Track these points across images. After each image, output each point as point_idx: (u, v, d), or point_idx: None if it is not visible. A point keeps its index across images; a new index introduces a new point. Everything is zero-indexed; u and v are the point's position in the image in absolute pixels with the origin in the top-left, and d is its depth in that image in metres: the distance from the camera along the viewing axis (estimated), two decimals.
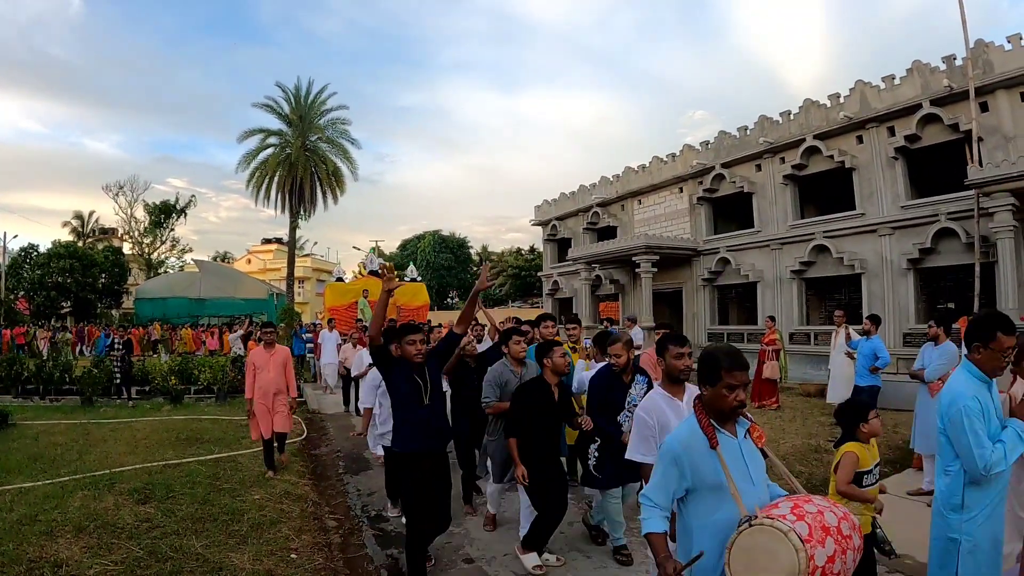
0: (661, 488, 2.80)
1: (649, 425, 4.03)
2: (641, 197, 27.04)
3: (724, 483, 2.68)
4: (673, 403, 4.07)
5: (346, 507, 7.23)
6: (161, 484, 7.21)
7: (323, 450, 10.34)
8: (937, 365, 7.04)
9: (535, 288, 45.06)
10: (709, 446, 2.73)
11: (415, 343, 4.86)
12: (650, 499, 2.81)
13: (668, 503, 2.81)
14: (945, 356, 7.05)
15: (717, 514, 2.72)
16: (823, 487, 7.56)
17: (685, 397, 4.10)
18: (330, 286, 23.01)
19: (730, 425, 2.84)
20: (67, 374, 15.58)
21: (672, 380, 4.14)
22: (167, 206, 53.16)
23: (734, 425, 2.86)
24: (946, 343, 7.19)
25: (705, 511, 2.76)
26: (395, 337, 5.22)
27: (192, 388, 15.60)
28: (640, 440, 4.11)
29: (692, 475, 2.74)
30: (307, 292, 57.15)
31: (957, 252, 16.11)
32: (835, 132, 19.06)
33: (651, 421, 4.03)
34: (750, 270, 21.55)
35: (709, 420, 2.80)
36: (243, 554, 5.29)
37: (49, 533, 5.58)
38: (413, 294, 22.01)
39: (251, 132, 32.40)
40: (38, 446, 9.33)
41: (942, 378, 6.90)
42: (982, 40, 15.52)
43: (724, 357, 2.78)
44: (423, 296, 22.74)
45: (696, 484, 2.75)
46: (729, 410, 2.78)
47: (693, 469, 2.73)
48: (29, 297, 41.63)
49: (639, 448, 4.11)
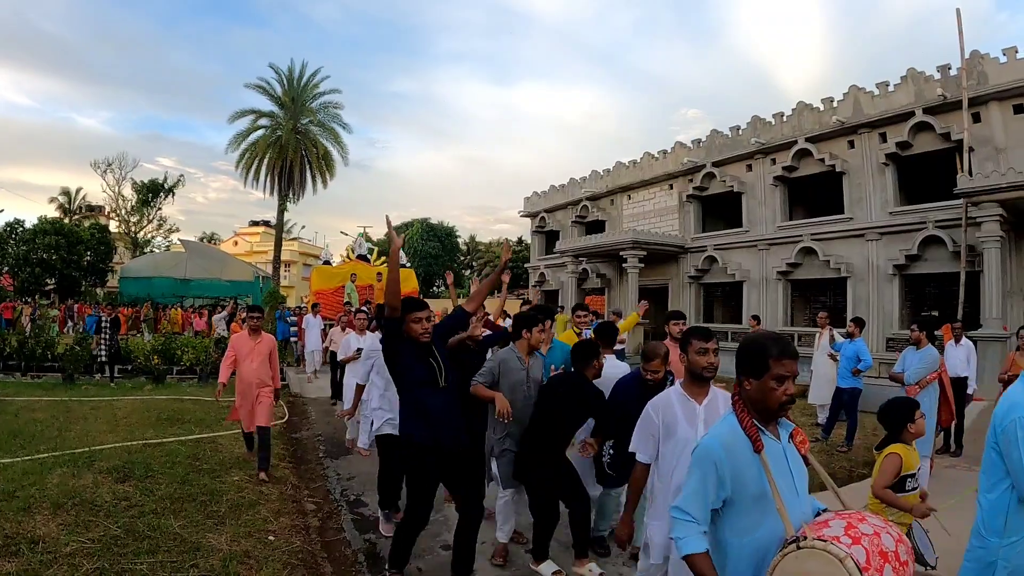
0: (699, 498, 2.39)
1: (653, 423, 3.65)
2: (631, 192, 27.09)
3: (768, 494, 2.33)
4: (688, 405, 3.62)
5: (325, 491, 7.24)
6: (140, 463, 7.18)
7: (304, 434, 10.33)
8: (917, 369, 7.07)
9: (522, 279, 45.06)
10: (752, 450, 2.37)
11: (421, 321, 4.49)
12: (686, 512, 2.40)
13: (707, 516, 2.41)
14: (926, 361, 7.08)
15: (758, 531, 2.38)
16: None
17: (705, 400, 3.63)
18: (317, 269, 22.67)
19: (773, 426, 2.49)
20: (49, 351, 15.47)
21: (695, 378, 3.64)
22: (155, 185, 52.68)
23: (776, 426, 2.51)
24: (927, 348, 7.22)
25: (744, 527, 2.41)
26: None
27: (175, 368, 15.53)
28: (641, 437, 3.72)
29: (733, 483, 2.37)
30: (293, 276, 56.95)
31: (943, 260, 16.25)
32: (827, 136, 19.17)
33: (656, 420, 3.63)
34: (737, 269, 21.65)
35: (752, 419, 2.43)
36: (221, 535, 5.28)
37: (26, 509, 5.55)
38: (402, 280, 21.46)
39: (242, 113, 32.25)
40: (18, 422, 9.26)
41: (920, 383, 6.96)
42: (977, 51, 15.64)
43: (772, 344, 2.42)
44: (412, 282, 22.16)
45: (736, 494, 2.39)
46: (777, 406, 2.41)
47: (734, 476, 2.36)
48: (13, 273, 41.23)
49: (641, 444, 3.72)
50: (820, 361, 11.23)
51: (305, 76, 32.81)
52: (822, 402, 11.00)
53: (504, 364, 5.16)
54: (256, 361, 7.43)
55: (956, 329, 10.10)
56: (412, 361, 4.48)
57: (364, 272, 20.74)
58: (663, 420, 3.61)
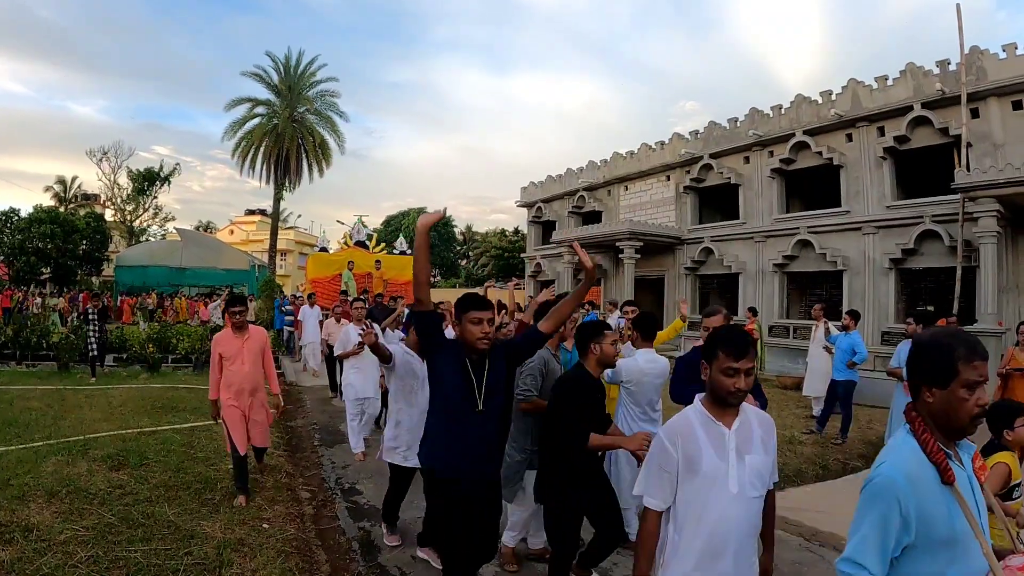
0: (876, 546, 1.87)
1: (670, 458, 2.59)
2: (628, 183, 27.03)
3: (958, 536, 1.86)
4: (714, 430, 2.59)
5: (320, 479, 7.26)
6: (135, 451, 7.17)
7: (299, 422, 10.34)
8: None
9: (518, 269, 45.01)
10: (941, 481, 1.87)
11: (482, 323, 3.62)
12: (863, 567, 1.88)
13: (886, 570, 1.90)
14: None
15: None
16: (795, 478, 7.67)
17: (736, 423, 2.60)
18: (313, 257, 22.01)
19: (954, 448, 2.00)
20: (44, 339, 15.44)
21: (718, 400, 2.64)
22: (151, 173, 52.42)
23: (957, 448, 2.01)
24: None
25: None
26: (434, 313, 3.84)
27: (170, 357, 15.51)
28: (652, 475, 2.68)
29: (918, 524, 1.85)
30: (289, 265, 56.80)
31: (939, 255, 16.25)
32: (825, 129, 19.10)
33: (674, 453, 2.58)
34: (733, 261, 21.64)
35: (936, 442, 1.92)
36: (215, 523, 5.29)
37: (21, 497, 5.54)
38: (402, 267, 21.17)
39: (238, 101, 32.25)
40: (12, 411, 9.24)
41: None
42: (977, 47, 15.58)
43: (960, 344, 1.91)
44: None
45: (921, 538, 1.87)
46: (969, 420, 1.90)
47: (920, 515, 1.85)
48: (8, 262, 41.10)
49: (650, 486, 2.67)
50: (815, 354, 11.24)
51: (302, 64, 32.82)
52: (817, 394, 11.02)
53: (548, 365, 4.66)
54: (248, 362, 6.22)
55: (951, 324, 10.13)
56: (447, 372, 3.66)
57: (362, 259, 20.17)
58: (683, 453, 2.57)
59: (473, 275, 55.83)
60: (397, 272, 20.76)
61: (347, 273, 18.42)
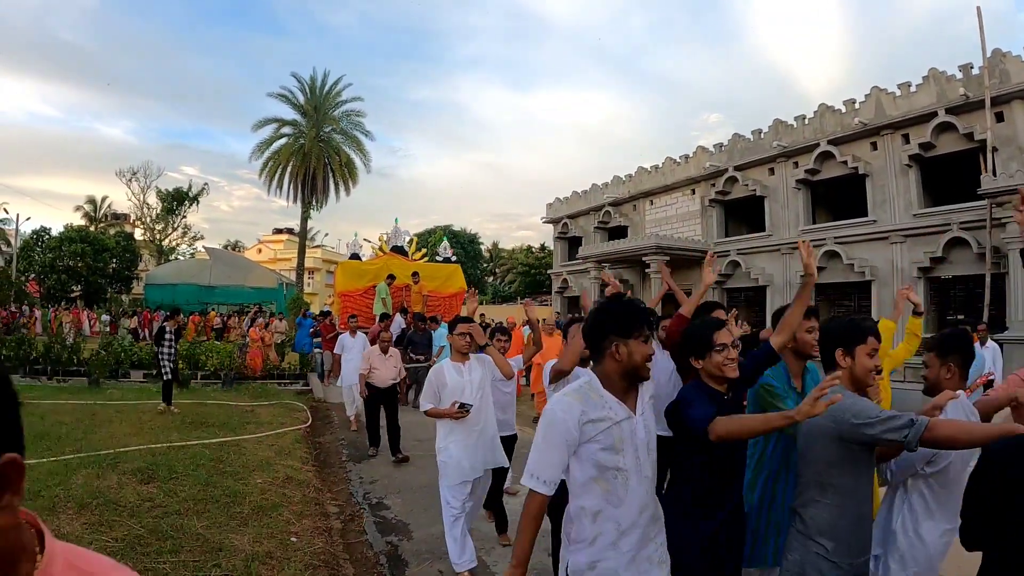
0: None
1: None
2: (653, 198, 27.00)
3: None
4: None
5: (348, 494, 7.25)
6: (164, 465, 7.21)
7: (327, 438, 10.36)
8: None
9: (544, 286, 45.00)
10: None
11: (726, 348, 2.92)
12: None
13: None
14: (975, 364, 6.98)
15: None
16: None
17: None
18: (343, 265, 18.10)
19: None
20: (75, 355, 15.64)
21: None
22: (180, 193, 53.22)
23: None
24: None
25: None
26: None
27: (199, 373, 15.64)
28: None
29: None
30: (317, 283, 57.28)
31: (968, 262, 16.03)
32: (849, 138, 19.00)
33: None
34: (760, 273, 21.49)
35: None
36: (243, 536, 5.29)
37: (51, 509, 5.58)
38: (446, 277, 17.84)
39: (265, 121, 32.66)
40: (44, 425, 9.33)
41: (971, 386, 6.85)
42: (999, 50, 15.44)
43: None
44: (458, 281, 18.01)
45: None
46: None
47: None
48: (40, 280, 41.83)
49: None
50: None
51: (327, 85, 33.21)
52: None
53: None
54: None
55: (981, 332, 9.98)
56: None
57: (400, 269, 16.74)
58: None
59: (500, 292, 55.88)
60: (439, 284, 17.38)
61: (383, 287, 15.27)
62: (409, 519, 6.26)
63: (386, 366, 9.19)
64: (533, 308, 5.37)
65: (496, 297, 54.58)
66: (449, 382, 4.98)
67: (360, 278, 16.67)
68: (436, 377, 5.07)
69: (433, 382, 5.06)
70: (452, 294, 17.39)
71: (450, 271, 18.17)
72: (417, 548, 5.55)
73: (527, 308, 5.28)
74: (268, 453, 8.16)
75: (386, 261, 17.48)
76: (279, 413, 11.46)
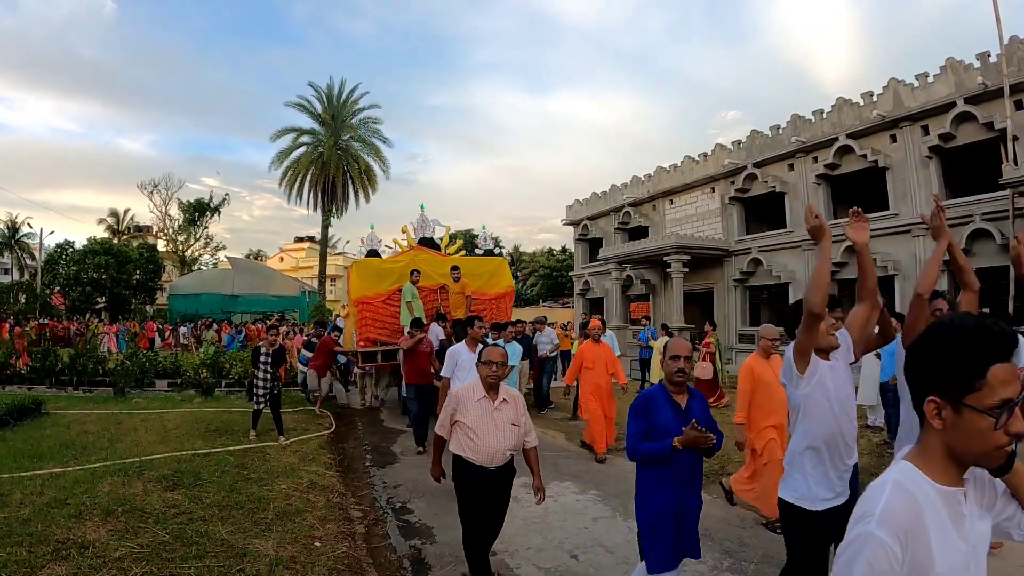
0: None
1: None
2: (673, 197, 26.87)
3: None
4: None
5: (371, 499, 7.24)
6: (189, 472, 7.24)
7: (351, 443, 10.37)
8: None
9: (566, 288, 44.95)
10: None
11: None
12: None
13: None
14: None
15: None
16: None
17: None
18: (358, 265, 13.88)
19: None
20: (100, 366, 15.80)
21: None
22: (201, 204, 53.80)
23: None
24: None
25: None
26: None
27: (223, 381, 15.71)
28: None
29: None
30: (339, 290, 57.54)
31: (992, 254, 15.80)
32: (868, 131, 18.83)
33: None
34: (782, 271, 21.29)
35: None
36: (267, 541, 5.29)
37: (77, 516, 5.61)
38: (490, 274, 14.12)
39: (284, 131, 32.94)
40: (70, 434, 9.43)
41: None
42: (1016, 36, 15.21)
43: None
44: (505, 279, 14.40)
45: None
46: None
47: None
48: (65, 292, 42.38)
49: None
50: (864, 360, 10.95)
51: (344, 92, 33.46)
52: (870, 403, 10.75)
53: None
54: None
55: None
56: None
57: (430, 265, 13.37)
58: None
59: (522, 295, 55.83)
60: (485, 281, 13.87)
61: (409, 288, 12.08)
62: (433, 523, 6.23)
63: None
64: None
65: (518, 300, 54.54)
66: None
67: (381, 280, 13.04)
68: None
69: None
70: (498, 295, 14.01)
71: (494, 266, 14.46)
72: (440, 552, 5.52)
73: None
74: (292, 459, 8.18)
75: (410, 258, 13.67)
76: (303, 419, 11.49)
